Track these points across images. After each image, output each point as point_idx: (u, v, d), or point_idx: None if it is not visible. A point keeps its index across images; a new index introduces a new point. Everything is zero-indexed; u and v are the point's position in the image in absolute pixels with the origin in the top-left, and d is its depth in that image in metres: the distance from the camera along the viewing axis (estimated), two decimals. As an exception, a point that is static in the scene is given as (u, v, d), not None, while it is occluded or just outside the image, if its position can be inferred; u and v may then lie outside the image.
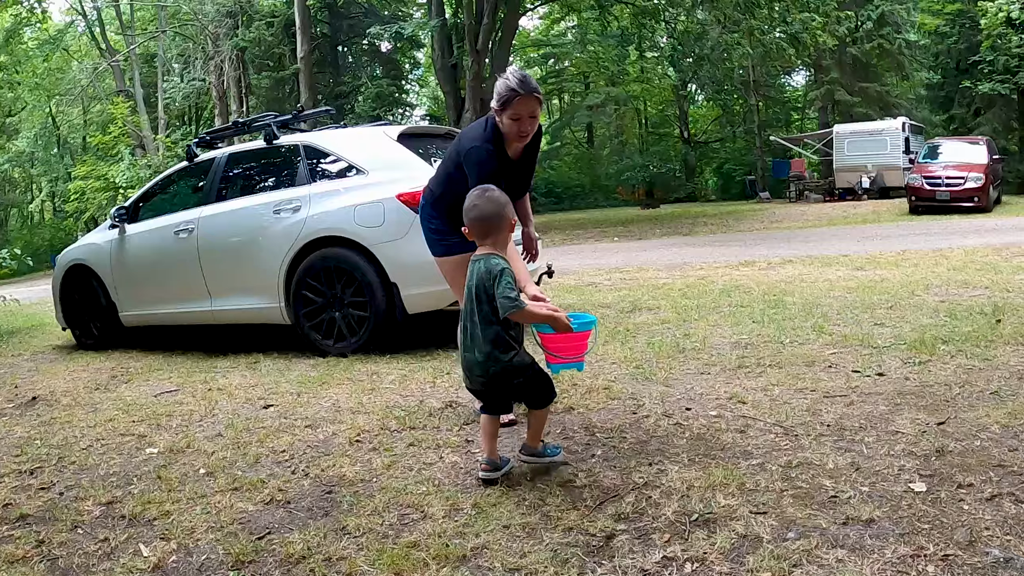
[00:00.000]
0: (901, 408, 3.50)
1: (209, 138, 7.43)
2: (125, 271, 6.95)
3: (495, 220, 2.99)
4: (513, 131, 3.42)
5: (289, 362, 5.69)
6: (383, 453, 3.43)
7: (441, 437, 3.60)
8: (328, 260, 5.74)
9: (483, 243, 3.01)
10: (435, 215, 3.76)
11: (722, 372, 4.35)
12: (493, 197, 3.02)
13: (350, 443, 3.59)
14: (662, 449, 3.16)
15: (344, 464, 3.32)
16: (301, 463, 3.37)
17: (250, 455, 3.53)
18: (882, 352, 4.59)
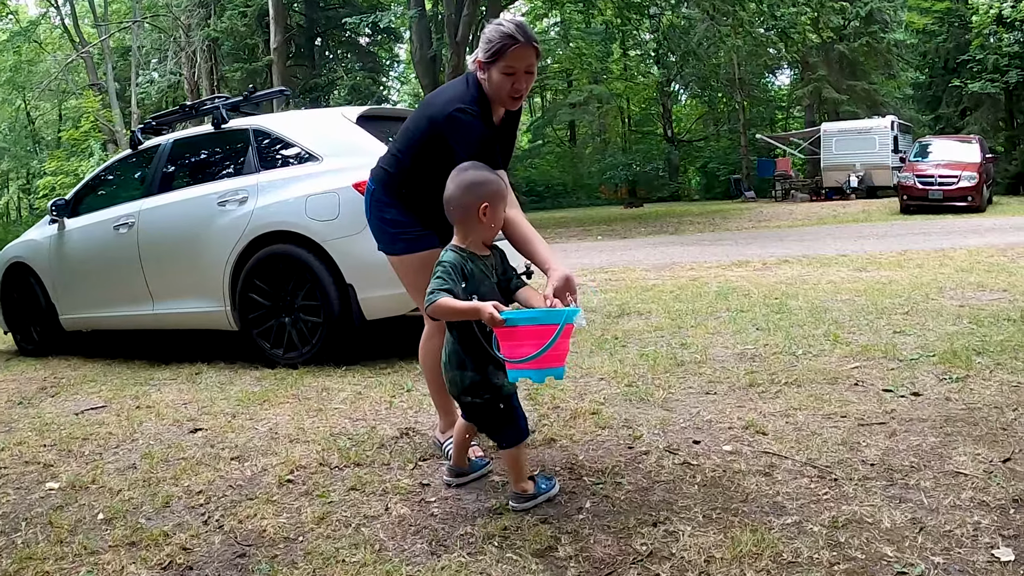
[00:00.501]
0: (953, 440, 2.87)
1: (155, 123, 6.75)
2: (64, 270, 6.33)
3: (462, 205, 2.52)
4: (504, 89, 2.76)
5: (234, 373, 5.06)
6: (316, 500, 2.75)
7: (390, 478, 2.92)
8: (277, 258, 5.09)
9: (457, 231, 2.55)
10: (389, 202, 3.06)
11: (731, 391, 3.70)
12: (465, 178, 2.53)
13: (279, 484, 2.92)
14: (669, 500, 2.50)
15: (267, 514, 2.65)
16: (217, 510, 2.73)
17: (160, 496, 2.89)
18: (911, 366, 3.97)
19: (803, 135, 28.52)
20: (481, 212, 2.45)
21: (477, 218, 2.46)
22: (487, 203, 2.45)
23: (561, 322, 2.22)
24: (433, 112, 2.88)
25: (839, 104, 29.54)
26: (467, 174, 2.50)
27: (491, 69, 2.74)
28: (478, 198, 2.45)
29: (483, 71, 2.78)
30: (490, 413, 2.53)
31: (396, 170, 3.04)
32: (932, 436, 2.91)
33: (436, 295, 2.34)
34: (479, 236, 2.52)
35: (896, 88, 31.75)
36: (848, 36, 28.50)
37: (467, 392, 2.50)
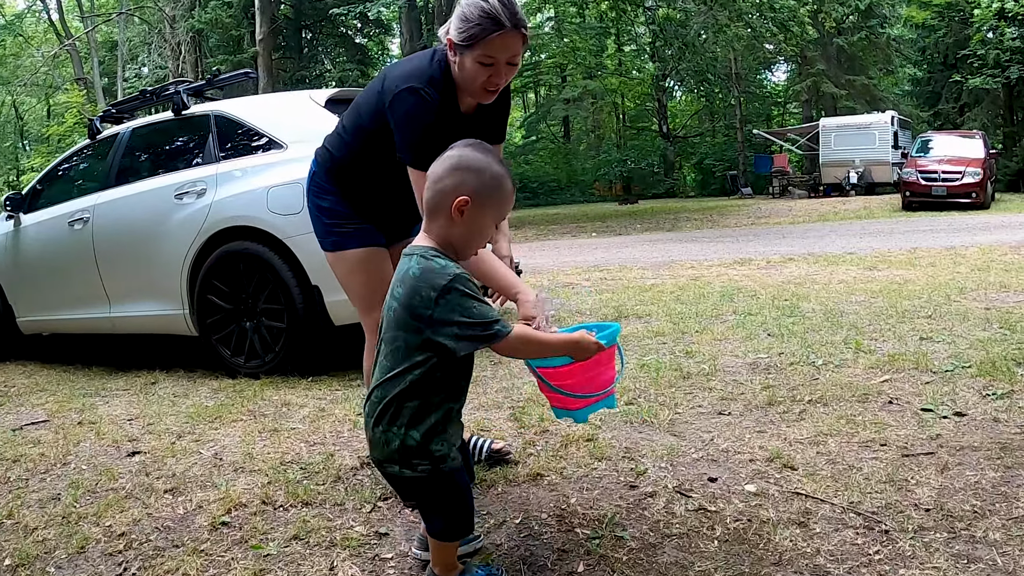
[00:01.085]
0: (1016, 475, 2.41)
1: (115, 111, 6.26)
2: (20, 269, 5.87)
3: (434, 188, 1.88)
4: (478, 81, 2.25)
5: (192, 384, 4.59)
6: (249, 553, 2.26)
7: (342, 524, 2.41)
8: (236, 257, 4.61)
9: (429, 226, 1.88)
10: (330, 188, 2.59)
11: (747, 411, 3.22)
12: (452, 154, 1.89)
13: (212, 527, 2.45)
14: (683, 563, 2.01)
15: (191, 568, 2.18)
16: (136, 559, 2.27)
17: (76, 539, 2.43)
18: (947, 380, 3.50)
19: (801, 131, 28.09)
20: (456, 207, 1.81)
21: (448, 212, 1.81)
22: (467, 197, 1.80)
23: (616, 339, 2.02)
24: (385, 87, 2.38)
25: (837, 99, 29.12)
26: (464, 152, 1.87)
27: (465, 55, 2.22)
28: (459, 184, 1.81)
29: (454, 53, 2.26)
30: (425, 490, 1.86)
31: (341, 152, 2.56)
32: (990, 470, 2.45)
33: (503, 324, 1.76)
34: (449, 239, 1.85)
35: (895, 83, 31.36)
36: (847, 30, 28.09)
37: (395, 459, 1.82)
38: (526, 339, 1.83)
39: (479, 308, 1.74)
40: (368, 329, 2.60)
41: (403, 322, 1.78)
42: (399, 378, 1.79)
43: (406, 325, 1.77)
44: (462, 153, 1.86)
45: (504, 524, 2.32)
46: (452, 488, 1.84)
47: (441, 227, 1.84)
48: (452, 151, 1.87)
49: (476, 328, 1.74)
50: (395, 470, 1.83)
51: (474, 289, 1.76)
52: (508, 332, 1.76)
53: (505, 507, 2.43)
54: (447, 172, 1.83)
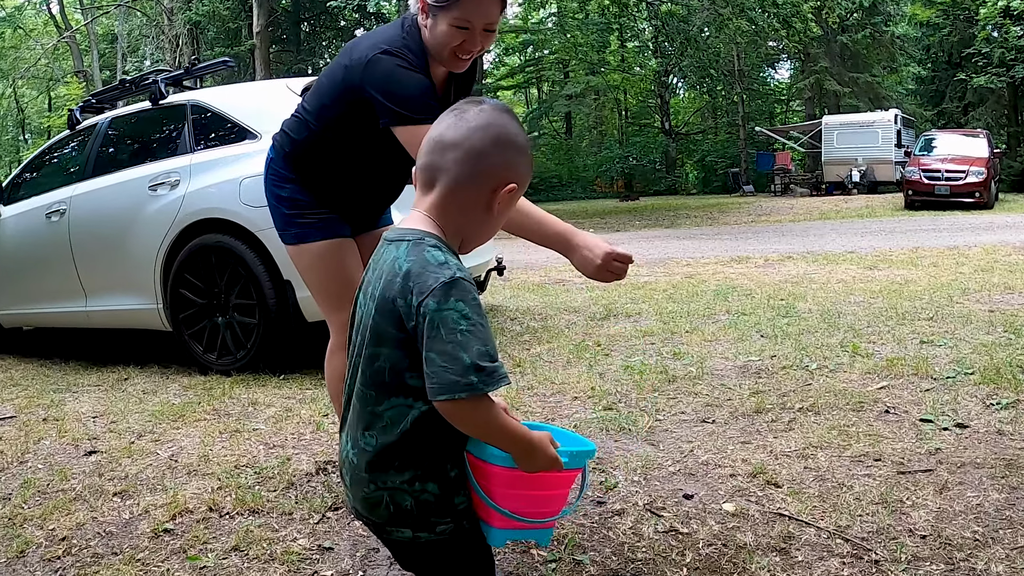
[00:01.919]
0: (1022, 495, 2.19)
1: (95, 101, 6.10)
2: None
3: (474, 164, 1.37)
4: (450, 45, 2.04)
5: (163, 380, 4.44)
6: (186, 564, 2.12)
7: (285, 536, 2.25)
8: (209, 250, 4.46)
9: (420, 198, 1.42)
10: (289, 176, 2.36)
11: (733, 420, 3.01)
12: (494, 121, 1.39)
13: (155, 534, 2.31)
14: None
15: None
16: (73, 567, 2.16)
17: (19, 542, 2.33)
18: (949, 387, 3.29)
19: (803, 128, 27.82)
20: (503, 194, 1.38)
21: (488, 202, 1.39)
22: (516, 184, 1.40)
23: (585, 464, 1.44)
24: (352, 59, 2.15)
25: (840, 97, 28.85)
26: (497, 118, 1.39)
27: (439, 17, 2.02)
28: (507, 170, 1.39)
29: (426, 16, 2.06)
30: (446, 555, 1.40)
31: (301, 136, 2.33)
32: (994, 490, 2.23)
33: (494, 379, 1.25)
34: (469, 232, 1.42)
35: (899, 82, 31.05)
36: (850, 27, 27.80)
37: (408, 522, 1.37)
38: (499, 419, 1.29)
39: (475, 333, 1.25)
40: (335, 327, 2.39)
41: (386, 335, 1.32)
42: (394, 416, 1.35)
43: (390, 339, 1.32)
44: (504, 122, 1.39)
45: None
46: (477, 548, 1.42)
47: (461, 212, 1.38)
48: (483, 113, 1.39)
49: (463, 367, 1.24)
50: (406, 535, 1.37)
51: (479, 304, 1.30)
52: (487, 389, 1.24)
53: None
54: (493, 146, 1.36)
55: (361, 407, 1.37)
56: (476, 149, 1.35)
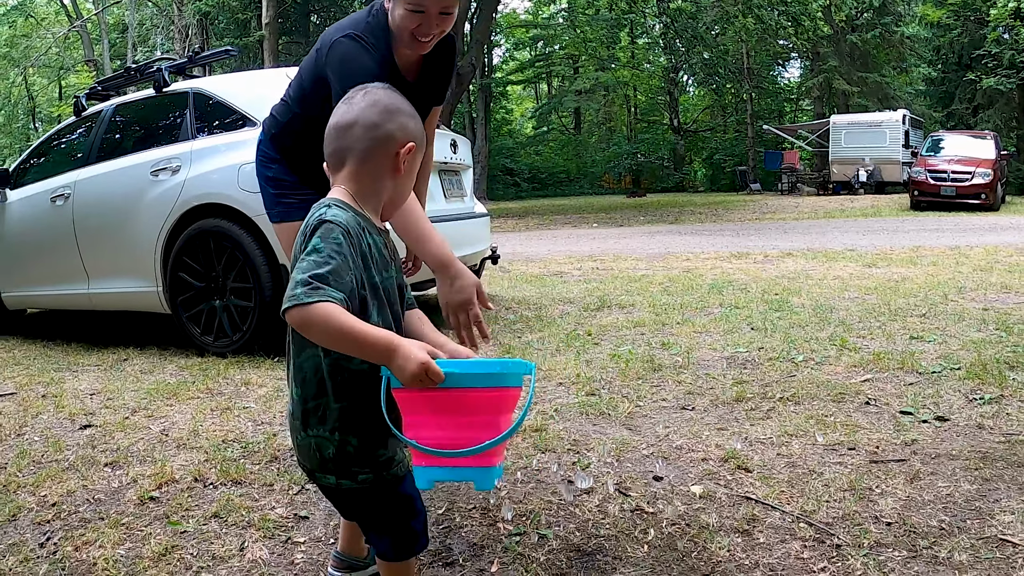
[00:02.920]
0: (994, 488, 2.18)
1: (101, 88, 6.18)
2: (4, 245, 5.83)
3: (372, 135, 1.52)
4: (408, 28, 2.11)
5: (161, 360, 4.53)
6: (168, 528, 2.22)
7: (264, 505, 2.33)
8: (207, 235, 4.54)
9: (335, 178, 1.57)
10: (275, 157, 2.45)
11: (712, 407, 3.00)
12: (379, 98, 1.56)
13: (140, 501, 2.42)
14: (603, 569, 1.81)
15: (109, 541, 2.16)
16: (61, 530, 2.28)
17: (10, 507, 2.44)
18: (933, 381, 3.28)
19: (811, 127, 27.72)
20: (403, 155, 1.53)
21: (394, 165, 1.53)
22: (412, 143, 1.55)
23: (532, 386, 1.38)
24: (321, 44, 2.24)
25: (849, 96, 28.72)
26: (381, 94, 1.57)
27: (396, 1, 2.11)
28: (402, 133, 1.54)
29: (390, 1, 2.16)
30: (369, 503, 1.53)
31: (285, 119, 2.43)
32: (966, 482, 2.22)
33: (319, 293, 1.33)
34: (383, 195, 1.57)
35: (908, 82, 30.89)
36: (860, 27, 27.66)
37: (330, 468, 1.49)
38: (336, 320, 1.33)
39: (315, 259, 1.37)
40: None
41: None
42: (306, 368, 1.49)
43: None
44: (389, 96, 1.57)
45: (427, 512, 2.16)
46: (399, 499, 1.52)
47: (372, 180, 1.54)
48: (370, 94, 1.56)
49: (292, 285, 1.36)
50: (330, 481, 1.50)
51: (341, 243, 1.40)
52: (311, 301, 1.33)
53: (432, 496, 2.30)
54: (384, 116, 1.53)
55: (290, 360, 1.53)
56: (371, 122, 1.52)
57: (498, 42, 40.96)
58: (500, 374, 1.33)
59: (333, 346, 1.38)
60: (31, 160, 6.07)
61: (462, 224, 5.05)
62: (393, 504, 1.51)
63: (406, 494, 1.52)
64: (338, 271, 1.36)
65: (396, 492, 1.51)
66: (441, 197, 4.95)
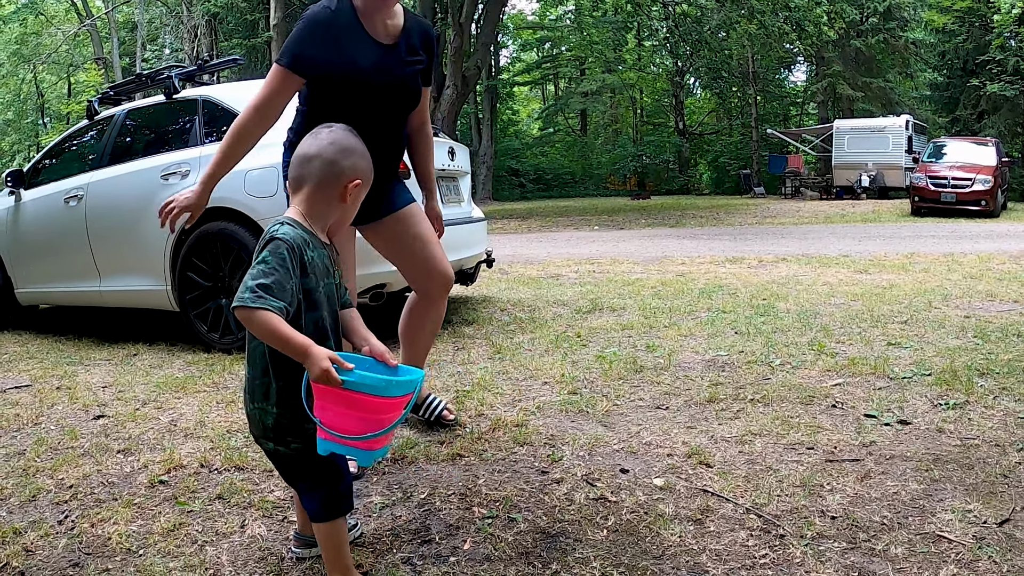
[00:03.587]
0: (941, 488, 2.32)
1: (112, 93, 6.40)
2: (19, 243, 6.04)
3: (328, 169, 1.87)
4: None
5: (169, 356, 4.75)
6: (176, 508, 2.45)
7: (263, 488, 2.55)
8: (214, 237, 4.74)
9: (293, 198, 1.91)
10: None
11: (685, 407, 3.16)
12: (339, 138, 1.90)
13: (151, 484, 2.65)
14: (565, 548, 1.98)
15: (122, 519, 2.38)
16: (77, 510, 2.49)
17: (31, 488, 2.66)
18: (902, 386, 3.42)
19: (815, 131, 27.79)
20: (351, 188, 1.87)
21: (342, 195, 1.87)
22: (360, 180, 1.89)
23: (414, 394, 1.71)
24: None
25: (854, 101, 28.79)
26: (341, 135, 1.90)
27: None
28: (352, 171, 1.87)
29: None
30: (299, 467, 1.83)
31: (301, 126, 2.58)
32: (914, 482, 2.36)
33: (261, 300, 1.65)
34: (330, 218, 1.90)
35: (913, 88, 30.93)
36: (865, 32, 27.72)
37: (269, 436, 1.81)
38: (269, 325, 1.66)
39: (263, 268, 1.69)
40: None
41: None
42: (255, 353, 1.81)
43: None
44: (347, 137, 1.90)
45: (410, 498, 2.40)
46: (325, 464, 1.81)
47: (324, 204, 1.87)
48: (333, 133, 1.89)
49: (242, 288, 1.68)
50: (269, 447, 1.84)
51: (285, 257, 1.71)
52: (255, 306, 1.65)
53: (417, 483, 2.50)
54: (339, 154, 1.86)
55: (247, 346, 1.84)
56: (329, 158, 1.85)
57: (505, 43, 41.15)
58: (384, 386, 1.65)
59: (266, 341, 1.72)
60: (44, 161, 6.26)
61: (459, 229, 5.20)
62: (320, 469, 1.81)
63: (331, 462, 1.81)
64: (280, 282, 1.68)
65: (322, 459, 1.78)
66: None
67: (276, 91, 2.40)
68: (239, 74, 17.38)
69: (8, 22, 31.56)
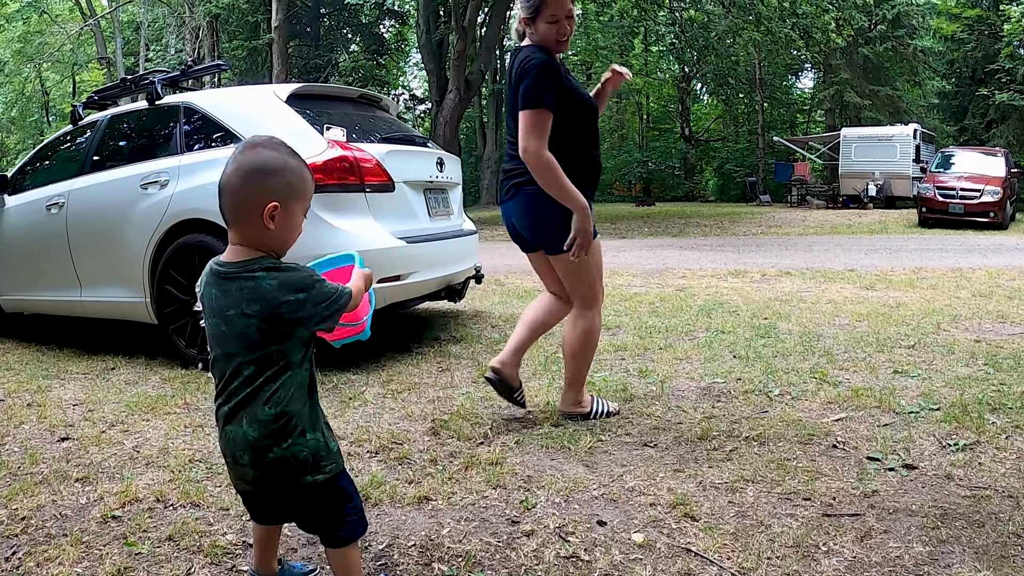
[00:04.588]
0: (948, 551, 2.10)
1: (98, 98, 6.23)
2: (2, 249, 5.88)
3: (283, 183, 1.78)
4: (551, 36, 3.01)
5: (147, 371, 4.60)
6: (124, 550, 2.27)
7: (217, 529, 2.38)
8: (192, 249, 4.58)
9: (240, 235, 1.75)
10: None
11: (675, 445, 2.94)
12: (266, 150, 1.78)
13: (103, 520, 2.49)
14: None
15: (68, 559, 2.22)
16: (27, 544, 2.34)
17: None
18: (909, 423, 3.20)
19: (822, 139, 27.56)
20: (267, 215, 1.70)
21: (259, 220, 1.70)
22: (276, 203, 1.71)
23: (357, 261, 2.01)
24: (515, 72, 3.03)
25: (861, 109, 28.53)
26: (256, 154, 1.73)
27: (535, 23, 3.00)
28: (263, 190, 1.70)
29: (529, 27, 3.03)
30: (333, 490, 1.76)
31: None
32: (920, 542, 2.14)
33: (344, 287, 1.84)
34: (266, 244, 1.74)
35: (921, 96, 30.65)
36: (873, 40, 27.49)
37: (308, 468, 1.72)
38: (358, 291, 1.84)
39: (330, 287, 1.75)
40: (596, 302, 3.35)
41: (274, 334, 1.69)
42: (285, 389, 1.70)
43: (278, 336, 1.69)
44: (255, 156, 1.73)
45: (368, 548, 2.21)
46: (350, 481, 1.83)
47: (253, 234, 1.73)
48: (240, 155, 1.74)
49: (336, 303, 1.74)
50: (309, 480, 1.72)
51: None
52: (349, 291, 1.79)
53: (377, 530, 2.32)
54: (244, 179, 1.71)
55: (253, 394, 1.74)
56: (232, 184, 1.71)
57: (510, 47, 40.97)
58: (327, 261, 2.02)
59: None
60: (29, 166, 6.12)
61: (447, 244, 5.01)
62: (348, 488, 1.80)
63: (349, 479, 1.83)
64: None
65: (347, 477, 1.81)
66: (425, 216, 4.90)
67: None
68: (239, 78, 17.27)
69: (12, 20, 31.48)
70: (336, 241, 4.12)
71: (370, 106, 5.44)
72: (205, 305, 1.76)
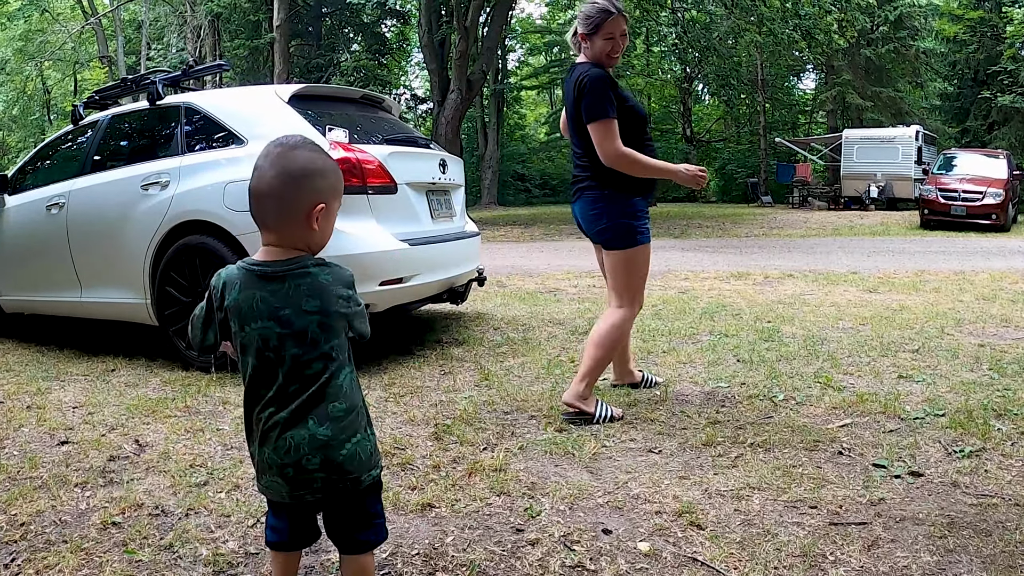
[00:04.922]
0: (956, 559, 2.09)
1: (99, 98, 6.19)
2: (2, 249, 5.86)
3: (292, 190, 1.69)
4: (605, 52, 3.29)
5: (148, 373, 4.57)
6: (124, 558, 2.24)
7: (218, 537, 2.36)
8: (193, 251, 4.55)
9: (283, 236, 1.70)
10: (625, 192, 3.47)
11: (680, 451, 2.92)
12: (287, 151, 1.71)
13: (103, 526, 2.45)
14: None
15: (68, 566, 2.19)
16: (26, 551, 2.31)
17: None
18: (914, 429, 3.18)
19: (824, 140, 27.53)
20: (315, 216, 1.67)
21: (306, 222, 1.66)
22: (324, 204, 1.67)
23: None
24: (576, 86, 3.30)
25: (863, 111, 28.50)
26: (295, 157, 1.67)
27: (593, 39, 3.28)
28: (312, 192, 1.66)
29: (585, 42, 3.31)
30: (376, 493, 1.76)
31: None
32: (927, 552, 2.12)
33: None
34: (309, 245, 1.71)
35: (923, 97, 30.61)
36: (875, 41, 27.46)
37: (371, 464, 1.69)
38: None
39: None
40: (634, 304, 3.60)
41: (331, 330, 1.66)
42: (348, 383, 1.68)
43: (334, 331, 1.66)
44: (298, 158, 1.68)
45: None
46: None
47: (297, 235, 1.68)
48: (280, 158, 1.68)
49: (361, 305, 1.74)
50: (374, 475, 1.71)
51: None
52: None
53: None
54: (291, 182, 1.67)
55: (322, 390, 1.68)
56: (274, 190, 1.67)
57: (513, 47, 40.94)
58: None
59: None
60: (30, 166, 6.10)
61: (449, 246, 4.99)
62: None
63: None
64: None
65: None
66: (428, 218, 4.88)
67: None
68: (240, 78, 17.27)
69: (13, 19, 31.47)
70: (338, 243, 4.07)
71: (372, 107, 5.42)
72: (238, 311, 1.66)
